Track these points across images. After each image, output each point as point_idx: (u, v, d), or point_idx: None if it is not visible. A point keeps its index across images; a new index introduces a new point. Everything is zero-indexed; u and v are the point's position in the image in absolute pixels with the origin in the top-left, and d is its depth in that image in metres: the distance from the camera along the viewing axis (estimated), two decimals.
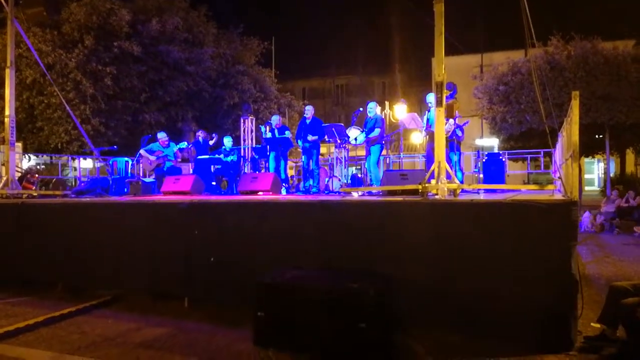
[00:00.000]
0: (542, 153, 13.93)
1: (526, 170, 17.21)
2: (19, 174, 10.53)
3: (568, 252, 4.32)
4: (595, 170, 33.17)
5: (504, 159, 12.16)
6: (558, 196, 5.44)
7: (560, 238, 4.34)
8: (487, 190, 8.21)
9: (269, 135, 10.66)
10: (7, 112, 9.34)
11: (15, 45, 12.00)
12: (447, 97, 8.11)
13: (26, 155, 16.89)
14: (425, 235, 4.89)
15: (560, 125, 9.26)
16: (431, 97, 7.86)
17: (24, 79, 16.41)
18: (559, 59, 17.96)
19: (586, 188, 28.62)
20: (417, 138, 21.80)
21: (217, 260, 5.76)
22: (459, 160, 9.30)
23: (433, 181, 5.67)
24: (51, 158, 18.72)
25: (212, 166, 11.12)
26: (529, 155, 15.15)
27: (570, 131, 5.67)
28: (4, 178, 9.19)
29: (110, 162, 13.40)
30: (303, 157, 10.19)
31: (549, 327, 4.32)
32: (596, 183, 32.38)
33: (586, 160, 27.19)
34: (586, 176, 30.42)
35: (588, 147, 20.61)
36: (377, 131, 9.36)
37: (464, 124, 9.47)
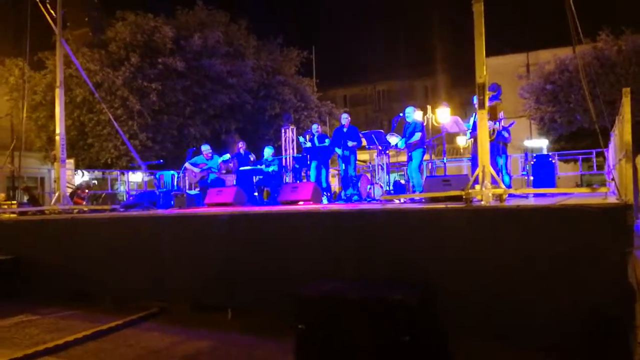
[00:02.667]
0: (594, 153, 13.35)
1: (578, 171, 16.51)
2: (70, 190, 10.91)
3: (624, 258, 4.05)
4: None
5: (553, 161, 11.71)
6: (612, 199, 5.15)
7: (614, 244, 4.08)
8: (536, 195, 7.90)
9: (308, 144, 10.66)
10: (57, 130, 9.69)
11: (65, 66, 12.54)
12: (492, 98, 7.89)
13: (80, 171, 17.55)
14: (469, 243, 4.71)
15: (613, 124, 8.84)
16: (476, 99, 7.65)
17: (74, 97, 17.10)
18: (609, 54, 17.23)
19: None
20: (463, 141, 21.38)
21: (258, 271, 5.75)
22: (506, 163, 9.00)
23: (477, 186, 5.48)
24: (103, 173, 19.39)
25: (254, 177, 11.21)
26: (580, 156, 14.54)
27: (622, 130, 5.37)
28: (56, 194, 9.54)
29: (157, 176, 13.72)
30: (341, 165, 10.15)
31: (605, 339, 4.07)
32: None
33: None
34: None
35: None
36: (417, 135, 9.20)
37: (510, 125, 9.17)
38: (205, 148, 11.25)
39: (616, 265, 4.05)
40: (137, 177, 19.65)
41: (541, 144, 21.97)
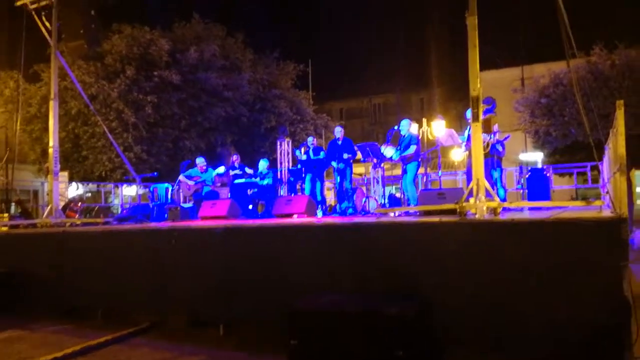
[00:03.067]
0: (588, 167, 13.35)
1: (573, 185, 16.52)
2: (63, 203, 10.83)
3: (619, 272, 4.02)
4: None
5: (548, 174, 11.70)
6: (606, 212, 5.13)
7: (609, 258, 4.06)
8: (531, 208, 7.88)
9: (304, 157, 10.63)
10: (50, 143, 9.64)
11: (60, 78, 12.52)
12: (486, 112, 7.90)
13: (74, 183, 17.45)
14: (463, 256, 4.68)
15: (607, 137, 8.85)
16: (470, 113, 7.66)
17: (69, 109, 17.06)
18: (602, 68, 17.34)
19: (638, 202, 27.29)
20: (458, 155, 21.38)
21: (252, 285, 5.69)
22: (501, 176, 8.98)
23: (472, 200, 5.45)
24: (97, 186, 19.31)
25: (248, 190, 11.15)
26: (575, 170, 14.54)
27: (617, 143, 5.36)
28: (48, 207, 9.46)
29: (152, 189, 13.64)
30: (336, 177, 10.12)
31: (601, 354, 4.02)
32: None
33: (637, 172, 25.98)
34: (638, 189, 29.03)
35: (638, 159, 19.68)
36: (412, 148, 9.18)
37: (505, 138, 9.16)
38: (200, 161, 11.20)
39: (611, 278, 4.02)
40: (131, 190, 19.55)
41: (536, 157, 21.99)
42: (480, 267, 4.58)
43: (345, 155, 9.83)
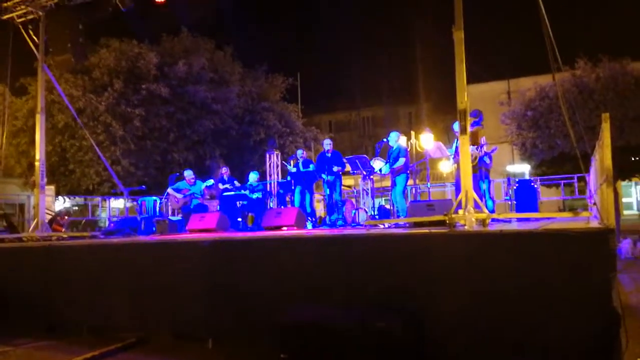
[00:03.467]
0: (575, 178, 13.48)
1: (560, 196, 16.65)
2: (49, 217, 10.69)
3: (607, 283, 4.04)
4: (633, 193, 31.96)
5: (536, 186, 11.79)
6: (594, 223, 5.17)
7: (597, 268, 4.08)
8: (519, 219, 7.92)
9: (293, 170, 10.63)
10: (37, 156, 9.54)
11: (47, 91, 12.44)
12: (473, 124, 7.97)
13: (62, 197, 17.26)
14: (452, 267, 4.68)
15: (593, 148, 8.95)
16: (457, 126, 7.72)
17: (56, 123, 16.91)
18: (587, 81, 17.57)
19: (625, 212, 27.55)
20: (446, 167, 21.51)
21: (240, 298, 5.63)
22: (489, 188, 9.04)
23: (460, 211, 5.47)
24: (84, 199, 19.12)
25: (237, 202, 11.10)
26: (562, 181, 14.67)
27: (603, 155, 5.41)
28: (34, 221, 9.34)
29: (139, 202, 13.53)
30: (326, 190, 10.13)
31: None
32: (635, 207, 31.18)
33: (623, 183, 26.26)
34: (624, 200, 29.32)
35: (624, 170, 19.91)
36: (401, 160, 9.22)
37: (492, 150, 9.24)
38: (188, 174, 11.15)
39: (600, 289, 4.04)
40: (119, 204, 19.39)
41: (523, 169, 22.18)
42: (469, 279, 4.58)
43: (335, 168, 9.87)
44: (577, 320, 4.09)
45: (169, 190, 11.02)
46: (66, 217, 11.15)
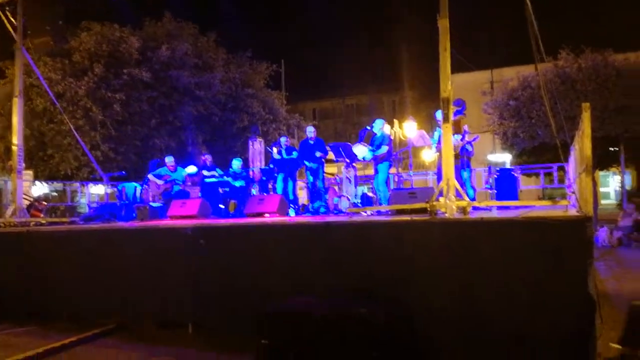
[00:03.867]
0: (555, 167, 13.64)
1: (540, 185, 16.86)
2: (27, 202, 10.52)
3: (584, 270, 4.11)
4: (611, 183, 32.57)
5: (516, 174, 11.91)
6: (572, 212, 5.24)
7: (575, 255, 4.15)
8: (499, 207, 8.00)
9: (277, 156, 10.58)
10: (14, 141, 9.36)
11: (25, 75, 12.18)
12: (456, 113, 7.99)
13: (41, 182, 16.98)
14: (434, 255, 4.72)
15: (573, 138, 9.06)
16: (440, 114, 7.74)
17: (34, 107, 16.58)
18: (569, 72, 17.75)
19: (602, 202, 28.07)
20: (428, 155, 21.63)
21: (222, 285, 5.62)
22: (470, 176, 9.11)
23: (442, 199, 5.51)
24: (63, 185, 18.84)
25: (219, 189, 11.03)
26: (542, 170, 14.84)
27: (583, 145, 5.48)
28: (12, 206, 9.18)
29: (119, 188, 13.37)
30: (309, 177, 10.13)
31: (567, 350, 4.10)
32: (612, 196, 31.78)
33: (601, 173, 26.71)
34: (602, 189, 29.84)
35: (602, 160, 20.22)
36: (384, 148, 9.24)
37: (474, 139, 9.31)
38: (169, 160, 11.05)
39: (576, 276, 4.11)
40: (98, 189, 19.14)
41: (504, 158, 22.40)
42: (450, 266, 4.62)
43: (318, 154, 9.87)
44: (555, 305, 4.16)
45: (150, 176, 10.92)
46: (45, 203, 10.97)
